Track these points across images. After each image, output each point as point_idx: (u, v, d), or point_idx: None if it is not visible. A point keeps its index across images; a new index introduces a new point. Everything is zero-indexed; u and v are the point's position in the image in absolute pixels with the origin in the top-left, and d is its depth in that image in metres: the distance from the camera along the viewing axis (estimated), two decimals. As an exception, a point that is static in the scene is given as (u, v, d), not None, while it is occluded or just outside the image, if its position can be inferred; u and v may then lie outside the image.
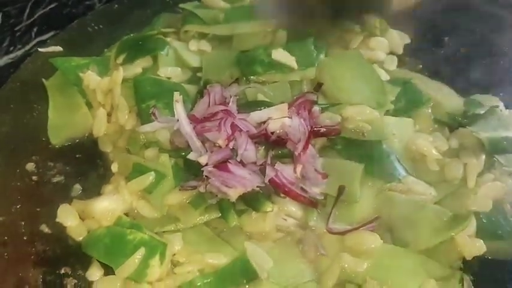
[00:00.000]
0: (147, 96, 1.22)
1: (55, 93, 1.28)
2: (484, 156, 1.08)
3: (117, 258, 0.99)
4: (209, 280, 0.97)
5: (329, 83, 1.21)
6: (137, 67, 1.29)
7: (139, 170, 1.11)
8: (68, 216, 1.08)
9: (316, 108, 1.14)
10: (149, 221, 1.08)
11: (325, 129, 1.11)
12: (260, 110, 1.11)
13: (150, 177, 1.10)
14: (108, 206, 1.08)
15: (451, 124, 1.16)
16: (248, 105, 1.16)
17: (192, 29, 1.38)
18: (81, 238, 1.06)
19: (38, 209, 1.10)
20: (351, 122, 1.13)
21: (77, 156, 1.20)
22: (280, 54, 1.24)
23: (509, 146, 1.09)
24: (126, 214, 1.09)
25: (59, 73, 1.30)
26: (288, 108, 1.10)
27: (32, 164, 1.17)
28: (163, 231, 1.05)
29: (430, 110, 1.21)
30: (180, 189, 1.08)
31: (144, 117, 1.19)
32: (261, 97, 1.19)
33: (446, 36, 1.35)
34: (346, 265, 0.97)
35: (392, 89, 1.22)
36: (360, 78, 1.22)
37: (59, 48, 1.36)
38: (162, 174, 1.10)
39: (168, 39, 1.35)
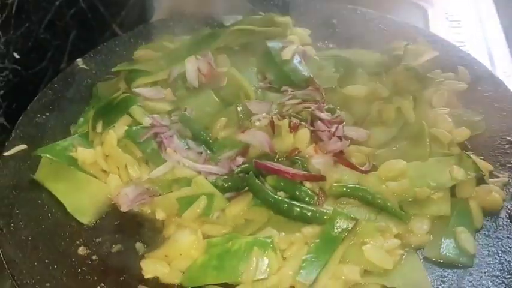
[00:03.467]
0: (146, 143, 1.27)
1: (53, 182, 1.23)
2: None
3: (234, 271, 1.03)
4: (318, 244, 1.06)
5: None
6: (120, 128, 1.32)
7: (186, 202, 1.15)
8: (156, 267, 1.08)
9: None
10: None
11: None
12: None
13: (202, 201, 1.14)
14: (188, 238, 1.11)
15: (385, 69, 1.49)
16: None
17: (143, 82, 1.45)
18: (177, 280, 1.07)
19: (122, 278, 1.08)
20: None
21: (116, 223, 1.19)
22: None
23: (428, 66, 1.47)
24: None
25: (44, 163, 1.26)
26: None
27: (82, 247, 1.13)
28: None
29: (361, 70, 1.52)
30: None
31: (154, 160, 1.25)
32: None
33: (334, 18, 1.71)
34: (393, 191, 1.16)
35: (328, 64, 1.51)
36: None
37: (23, 146, 1.31)
38: (211, 194, 1.15)
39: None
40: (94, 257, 1.12)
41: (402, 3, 2.08)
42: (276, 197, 1.14)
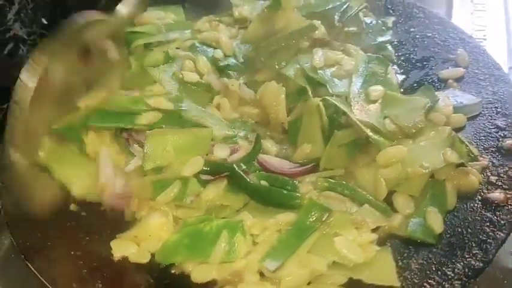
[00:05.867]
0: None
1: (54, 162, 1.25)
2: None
3: (203, 251, 1.06)
4: (289, 231, 1.07)
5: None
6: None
7: (160, 186, 1.15)
8: (125, 247, 1.11)
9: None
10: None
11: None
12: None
13: (177, 186, 1.14)
14: (158, 220, 1.13)
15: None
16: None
17: (142, 42, 1.47)
18: (146, 260, 1.09)
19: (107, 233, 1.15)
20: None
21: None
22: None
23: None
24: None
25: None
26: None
27: (73, 204, 1.20)
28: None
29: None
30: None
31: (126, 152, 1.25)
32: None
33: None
34: (386, 178, 1.13)
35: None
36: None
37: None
38: (185, 178, 1.15)
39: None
40: (83, 214, 1.19)
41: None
42: (254, 182, 1.15)
